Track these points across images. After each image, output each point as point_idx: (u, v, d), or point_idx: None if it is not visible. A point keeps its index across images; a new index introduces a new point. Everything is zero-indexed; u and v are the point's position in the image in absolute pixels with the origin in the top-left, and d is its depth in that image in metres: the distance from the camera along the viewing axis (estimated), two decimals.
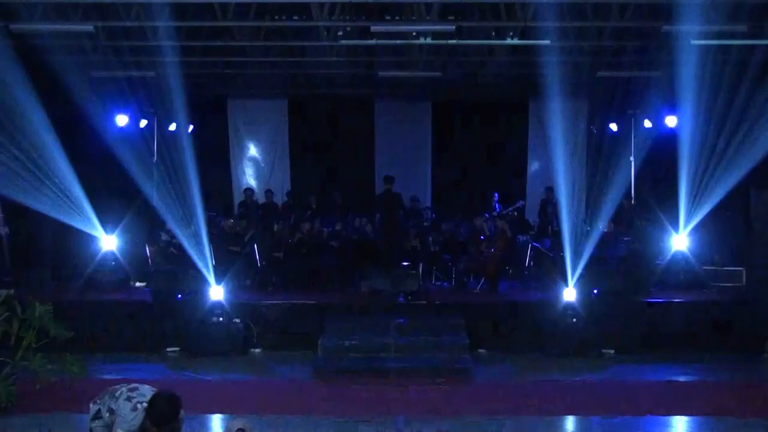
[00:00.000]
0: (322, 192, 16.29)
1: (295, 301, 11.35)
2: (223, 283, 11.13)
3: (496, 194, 15.49)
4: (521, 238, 13.83)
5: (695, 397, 8.51)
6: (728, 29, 10.96)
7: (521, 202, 15.09)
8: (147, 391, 4.69)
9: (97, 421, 4.65)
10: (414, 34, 11.85)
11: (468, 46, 13.17)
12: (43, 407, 7.80)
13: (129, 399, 4.60)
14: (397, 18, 11.42)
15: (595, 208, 15.82)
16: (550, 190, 16.05)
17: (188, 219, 14.07)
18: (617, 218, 14.38)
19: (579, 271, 11.55)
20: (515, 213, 13.79)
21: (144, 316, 11.11)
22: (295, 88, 16.26)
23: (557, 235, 14.87)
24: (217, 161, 17.02)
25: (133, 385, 4.73)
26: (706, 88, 13.83)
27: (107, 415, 4.59)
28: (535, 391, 8.71)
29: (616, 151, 15.75)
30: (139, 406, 4.53)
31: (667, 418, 7.64)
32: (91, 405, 4.72)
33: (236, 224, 13.71)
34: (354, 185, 16.60)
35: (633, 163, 14.98)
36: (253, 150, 17.43)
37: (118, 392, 4.67)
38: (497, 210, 14.16)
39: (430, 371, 9.30)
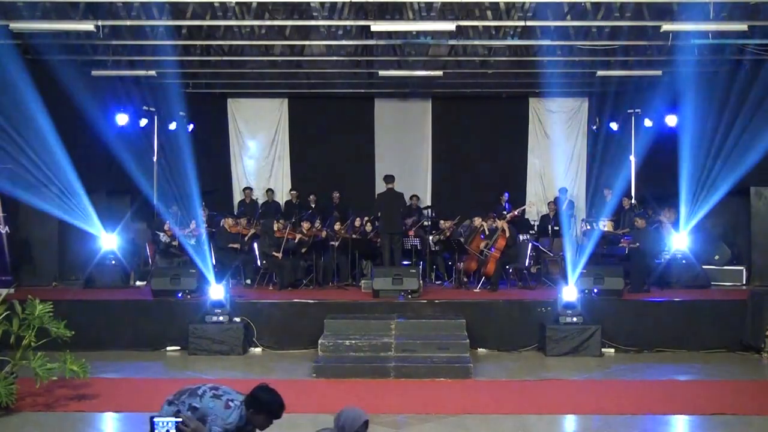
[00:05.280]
0: (322, 191, 16.30)
1: (295, 301, 11.35)
2: (223, 283, 11.14)
3: (507, 194, 15.50)
4: (521, 237, 13.84)
5: (695, 396, 8.50)
6: (728, 28, 10.94)
7: (529, 202, 15.10)
8: (231, 390, 4.66)
9: None
10: (414, 33, 11.85)
11: (468, 45, 13.18)
12: (43, 407, 7.81)
13: (217, 397, 4.56)
14: (397, 17, 11.42)
15: (595, 207, 15.86)
16: (564, 192, 16.01)
17: (188, 218, 14.10)
18: (617, 218, 14.41)
19: (579, 270, 11.57)
20: (521, 213, 13.84)
21: (144, 316, 11.11)
22: (295, 88, 16.26)
23: (557, 234, 14.91)
24: (217, 160, 17.06)
25: (213, 385, 4.69)
26: (706, 87, 13.86)
27: (189, 414, 4.53)
28: (535, 391, 8.71)
29: (616, 150, 15.78)
30: (231, 404, 4.50)
31: (667, 417, 7.65)
32: (165, 406, 4.65)
33: (236, 223, 13.72)
34: (354, 185, 16.62)
35: (633, 162, 14.99)
36: (253, 149, 17.48)
37: (200, 391, 4.62)
38: (507, 210, 14.16)
39: (430, 371, 9.31)
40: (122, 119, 14.33)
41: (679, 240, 13.38)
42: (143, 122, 14.72)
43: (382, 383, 9.06)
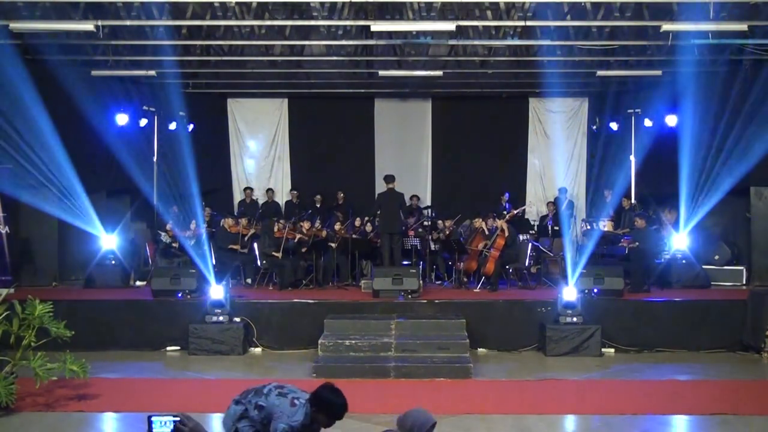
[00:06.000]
0: (322, 191, 16.31)
1: (295, 301, 11.35)
2: (223, 283, 11.14)
3: (507, 194, 15.50)
4: (521, 237, 13.84)
5: (695, 396, 8.51)
6: (728, 28, 10.94)
7: (529, 202, 15.03)
8: (296, 388, 4.66)
9: (243, 421, 4.58)
10: (414, 33, 11.86)
11: (468, 45, 13.18)
12: (43, 407, 7.81)
13: (283, 395, 4.56)
14: (397, 17, 11.42)
15: (595, 207, 15.86)
16: (564, 191, 16.02)
17: (188, 218, 14.11)
18: (617, 218, 14.41)
19: (579, 270, 11.57)
20: (521, 213, 13.81)
21: (144, 316, 11.12)
22: (295, 88, 16.27)
23: (557, 234, 14.91)
24: (217, 160, 17.08)
25: (277, 383, 4.69)
26: (706, 88, 13.85)
27: (255, 412, 4.55)
28: (535, 391, 8.72)
29: (616, 150, 15.78)
30: (297, 402, 4.50)
31: (667, 417, 7.65)
32: (233, 405, 4.66)
33: (236, 223, 13.72)
34: (354, 185, 16.62)
35: (633, 162, 15.00)
36: (253, 149, 17.50)
37: (266, 389, 4.62)
38: (507, 210, 14.17)
39: (430, 371, 9.31)
40: (122, 119, 14.33)
41: (679, 240, 13.38)
42: (143, 122, 14.72)
43: (382, 383, 9.06)
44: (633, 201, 14.70)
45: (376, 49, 13.45)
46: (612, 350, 10.64)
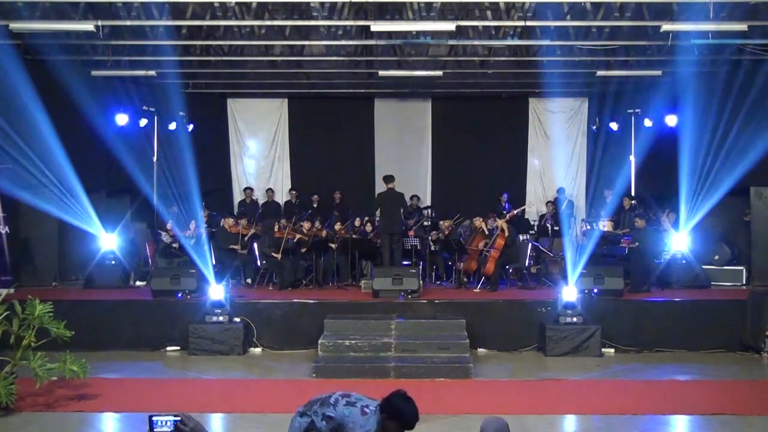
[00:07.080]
0: (322, 191, 16.31)
1: (295, 301, 11.36)
2: (223, 283, 11.14)
3: (506, 194, 15.50)
4: (521, 237, 13.84)
5: (695, 396, 8.51)
6: (728, 28, 10.94)
7: (528, 202, 14.99)
8: (362, 396, 4.58)
9: None
10: (414, 33, 11.86)
11: (468, 45, 13.18)
12: (43, 407, 7.81)
13: (351, 404, 4.44)
14: (397, 17, 11.43)
15: (595, 207, 15.85)
16: (562, 191, 16.02)
17: (188, 218, 14.11)
18: (617, 218, 14.41)
19: (579, 270, 11.57)
20: (521, 213, 13.79)
21: (144, 316, 11.12)
22: (295, 88, 16.27)
23: (557, 234, 14.91)
24: (217, 160, 17.08)
25: (343, 392, 4.59)
26: (706, 87, 13.86)
27: (323, 423, 4.45)
28: (535, 391, 8.72)
29: (616, 150, 15.78)
30: (367, 410, 4.41)
31: (667, 417, 7.65)
32: (298, 418, 4.55)
33: (236, 223, 13.72)
34: (354, 185, 16.63)
35: (633, 162, 15.00)
36: (253, 149, 17.50)
37: (332, 399, 4.51)
38: (507, 210, 14.17)
39: (430, 371, 9.31)
40: (122, 119, 14.34)
41: (679, 240, 13.38)
42: (143, 122, 14.73)
43: (382, 383, 9.03)
44: (633, 201, 14.69)
45: (376, 49, 13.44)
46: (612, 350, 10.64)
